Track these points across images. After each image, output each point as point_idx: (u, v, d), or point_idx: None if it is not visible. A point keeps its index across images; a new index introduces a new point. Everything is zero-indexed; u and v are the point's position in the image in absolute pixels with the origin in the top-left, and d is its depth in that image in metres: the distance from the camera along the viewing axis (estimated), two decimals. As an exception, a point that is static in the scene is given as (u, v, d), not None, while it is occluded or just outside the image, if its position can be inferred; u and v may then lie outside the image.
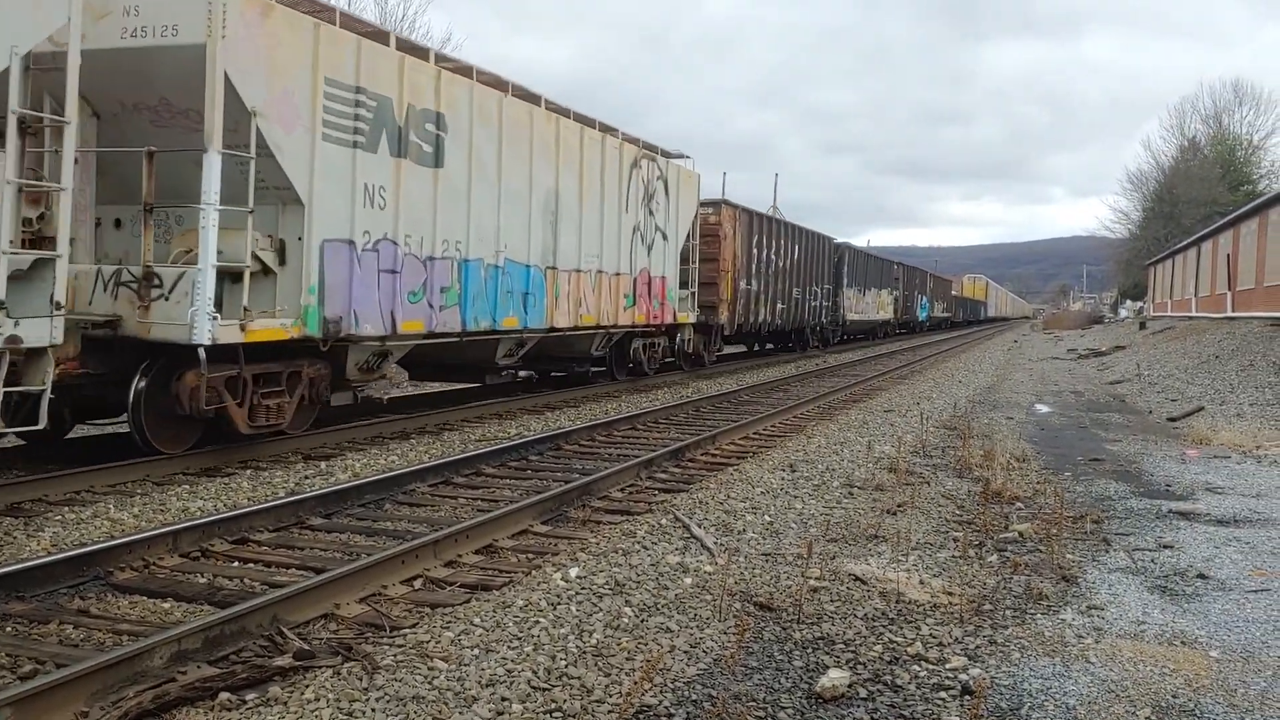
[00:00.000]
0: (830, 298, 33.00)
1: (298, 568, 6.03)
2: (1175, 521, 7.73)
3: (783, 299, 27.29)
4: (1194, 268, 42.72)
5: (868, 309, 39.89)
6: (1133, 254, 71.05)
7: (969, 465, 9.84)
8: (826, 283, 32.49)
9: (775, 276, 26.42)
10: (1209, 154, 66.02)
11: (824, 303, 32.10)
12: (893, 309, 45.52)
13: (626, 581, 5.66)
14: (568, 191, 14.60)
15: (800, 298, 29.13)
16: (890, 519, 7.48)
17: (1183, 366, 22.46)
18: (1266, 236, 29.18)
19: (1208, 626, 5.20)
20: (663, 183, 18.23)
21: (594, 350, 16.50)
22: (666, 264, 18.56)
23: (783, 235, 27.44)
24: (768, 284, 25.77)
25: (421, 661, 4.37)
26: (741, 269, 23.56)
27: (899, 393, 18.44)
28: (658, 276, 18.15)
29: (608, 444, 11.27)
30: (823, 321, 32.36)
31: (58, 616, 5.01)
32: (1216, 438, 12.32)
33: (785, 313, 27.60)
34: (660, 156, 18.26)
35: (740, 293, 23.62)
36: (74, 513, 7.21)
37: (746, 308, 24.17)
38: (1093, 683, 4.37)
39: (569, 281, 14.84)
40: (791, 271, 28.08)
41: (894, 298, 45.58)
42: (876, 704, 4.13)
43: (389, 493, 8.09)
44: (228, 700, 3.95)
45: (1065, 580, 5.98)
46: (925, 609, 5.38)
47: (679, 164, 19.25)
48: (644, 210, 17.39)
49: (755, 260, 24.70)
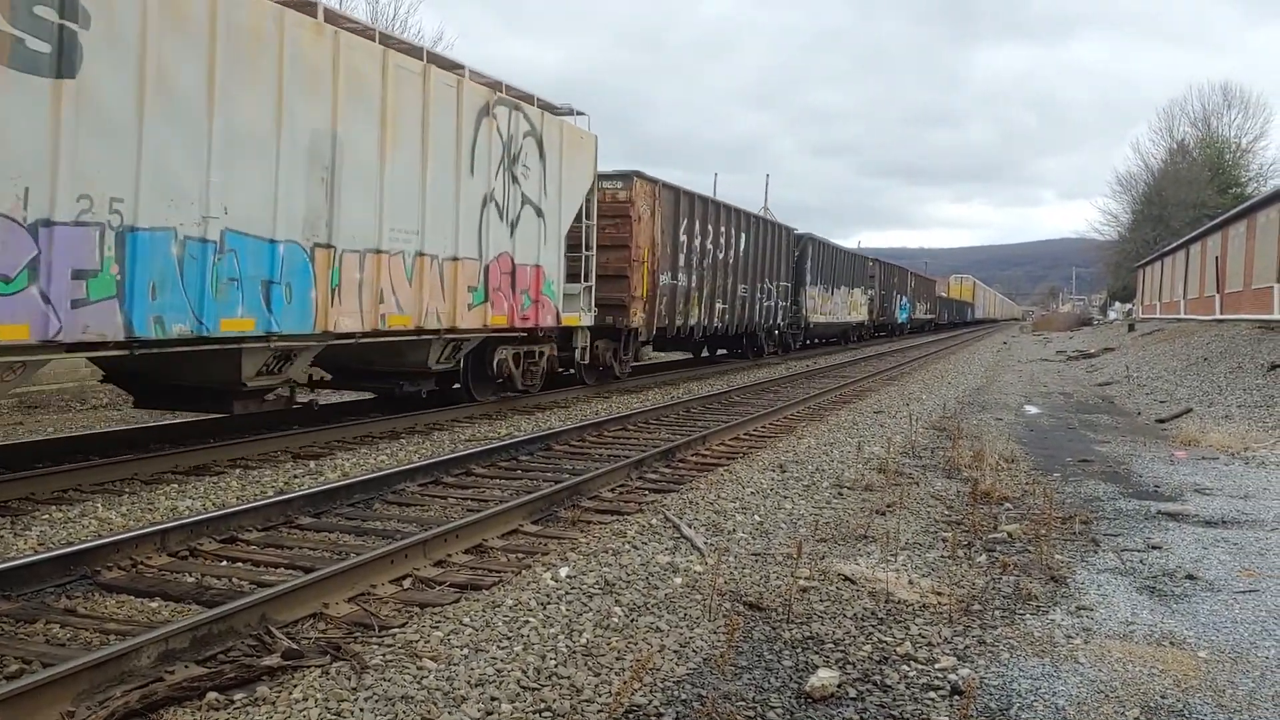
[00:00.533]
0: (789, 297, 29.26)
1: (286, 567, 6.01)
2: (1164, 522, 7.75)
3: (723, 297, 23.19)
4: (1183, 270, 42.91)
5: (837, 310, 36.24)
6: (1122, 256, 71.36)
7: (958, 466, 9.86)
8: (784, 279, 28.44)
9: (713, 270, 22.40)
10: (1198, 157, 66.34)
11: (781, 302, 28.14)
12: (867, 310, 42.19)
13: (616, 581, 5.65)
14: (358, 139, 10.34)
15: (749, 296, 25.12)
16: (880, 519, 7.49)
17: (1171, 368, 22.55)
18: (1255, 239, 29.33)
19: (1196, 627, 5.21)
20: (535, 142, 13.92)
21: (434, 363, 12.29)
22: (543, 248, 14.20)
23: (725, 222, 23.24)
24: (703, 279, 21.73)
25: (410, 661, 4.36)
26: (664, 259, 19.40)
27: (888, 394, 18.47)
28: (527, 265, 13.82)
29: (598, 444, 11.26)
30: (779, 324, 28.47)
31: (44, 616, 4.98)
32: (1205, 439, 12.37)
33: (727, 314, 23.60)
34: (533, 107, 13.94)
35: (662, 289, 19.36)
36: (61, 511, 7.18)
37: (671, 307, 20.05)
38: (1082, 683, 4.38)
39: (361, 266, 10.47)
40: (737, 265, 24.06)
41: (869, 298, 42.41)
42: (866, 704, 4.13)
43: (378, 492, 8.07)
44: (215, 700, 3.93)
45: (1054, 581, 5.99)
46: (914, 609, 5.39)
47: (565, 121, 14.91)
48: (504, 176, 13.14)
49: (685, 250, 20.61)
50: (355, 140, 10.32)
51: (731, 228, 23.51)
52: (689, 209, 20.83)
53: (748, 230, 24.85)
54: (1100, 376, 24.51)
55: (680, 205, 20.20)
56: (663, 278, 19.34)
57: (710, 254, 22.11)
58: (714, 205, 22.59)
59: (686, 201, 20.69)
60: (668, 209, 19.45)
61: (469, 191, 12.42)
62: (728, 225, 23.26)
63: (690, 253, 20.88)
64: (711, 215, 22.27)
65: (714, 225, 22.32)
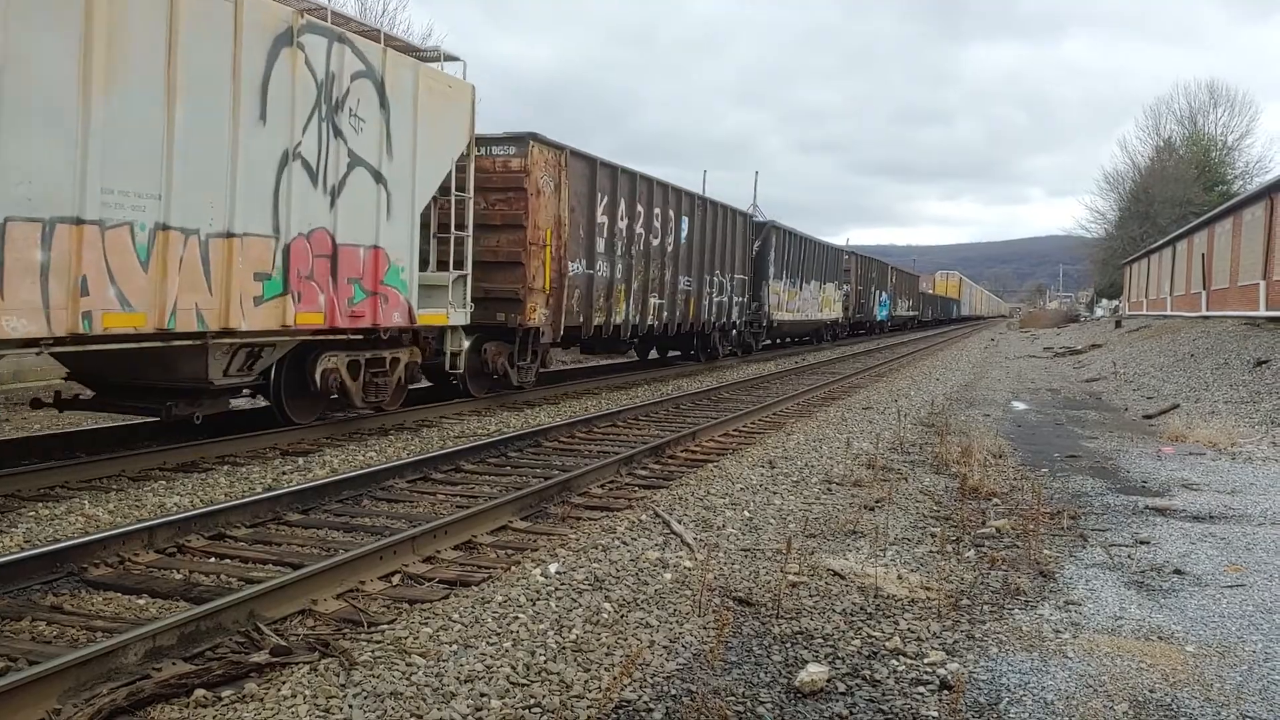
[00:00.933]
0: (747, 292, 25.76)
1: (275, 564, 5.99)
2: (1151, 517, 7.78)
3: (659, 291, 19.58)
4: (1169, 267, 43.09)
5: (806, 306, 32.79)
6: (1109, 253, 71.58)
7: (947, 461, 9.88)
8: (741, 272, 24.91)
9: (646, 259, 18.88)
10: (1184, 154, 66.57)
11: (737, 298, 24.68)
12: (842, 307, 39.03)
13: (606, 577, 5.64)
14: (38, 56, 7.24)
15: (694, 290, 21.59)
16: (868, 515, 7.50)
17: (1158, 364, 22.65)
18: (1241, 236, 29.46)
19: (1184, 621, 5.24)
20: (374, 87, 10.72)
21: (220, 376, 9.37)
22: (385, 225, 11.00)
23: (662, 203, 19.51)
24: (631, 269, 18.12)
25: (399, 657, 4.34)
26: (575, 244, 15.85)
27: (877, 390, 18.50)
28: (359, 246, 10.64)
29: (588, 441, 11.25)
30: (735, 322, 24.90)
31: (30, 613, 4.95)
32: (1192, 435, 12.42)
33: (666, 311, 19.99)
34: (371, 42, 10.77)
35: (573, 280, 15.81)
36: (48, 508, 7.13)
37: (587, 302, 16.49)
38: (1070, 677, 4.39)
39: (46, 242, 7.33)
40: (678, 254, 20.50)
41: (844, 293, 39.25)
42: (855, 698, 4.14)
43: (367, 489, 8.04)
44: (203, 697, 3.91)
45: (1043, 576, 6.01)
46: (903, 604, 5.39)
47: (425, 67, 11.74)
48: (320, 128, 9.98)
49: (607, 233, 17.10)
50: (29, 56, 7.16)
51: (670, 210, 19.98)
52: (611, 185, 17.21)
53: (692, 214, 21.31)
54: (1087, 373, 24.61)
55: (598, 180, 16.61)
56: (574, 266, 15.82)
57: (642, 240, 18.64)
58: (646, 182, 18.80)
59: (607, 175, 17.12)
60: (580, 183, 15.95)
61: (257, 145, 9.22)
62: (665, 206, 19.66)
63: (614, 237, 17.33)
64: (643, 194, 18.56)
65: (646, 206, 18.74)
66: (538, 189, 14.48)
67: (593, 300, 16.71)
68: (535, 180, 14.40)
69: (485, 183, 13.87)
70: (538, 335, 14.87)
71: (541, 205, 14.61)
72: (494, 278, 14.01)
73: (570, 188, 15.49)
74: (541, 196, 14.61)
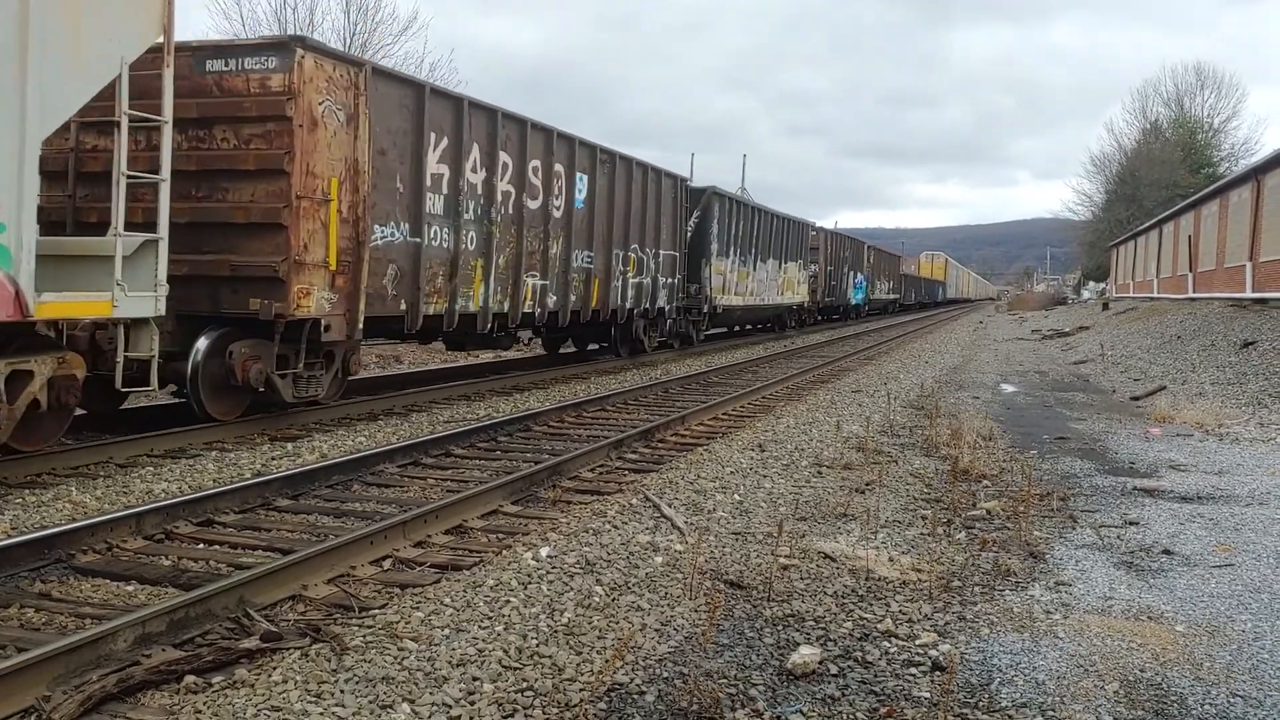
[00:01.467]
0: (682, 271, 21.35)
1: (264, 549, 5.96)
2: (1140, 498, 7.82)
3: (541, 269, 14.95)
4: (1156, 249, 43.23)
5: (762, 289, 28.52)
6: (1096, 236, 71.80)
7: (936, 444, 9.91)
8: (672, 247, 20.59)
9: (518, 226, 14.13)
10: (1171, 137, 66.76)
11: (667, 278, 20.38)
12: (808, 289, 34.90)
13: (597, 560, 5.64)
14: None
15: (600, 269, 17.02)
16: (859, 497, 7.51)
17: (1145, 346, 22.73)
18: (1227, 218, 29.56)
19: (1174, 601, 5.26)
20: None
21: None
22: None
23: (542, 152, 14.80)
24: (492, 239, 13.41)
25: (391, 642, 4.33)
26: (385, 201, 11.29)
27: (866, 373, 18.53)
28: None
29: (577, 425, 11.24)
30: (665, 308, 20.51)
31: (18, 600, 4.92)
32: (1179, 416, 12.48)
33: (551, 294, 15.29)
34: None
35: (380, 252, 11.23)
36: (35, 495, 7.09)
37: (411, 283, 11.84)
38: (1061, 658, 4.41)
39: None
40: (574, 222, 15.89)
41: (811, 274, 35.16)
42: (847, 680, 4.14)
43: (357, 474, 8.01)
44: (193, 683, 3.89)
45: (1033, 557, 6.03)
46: (895, 586, 5.41)
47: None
48: None
49: (448, 188, 12.43)
50: None
51: (559, 164, 15.26)
52: (454, 123, 12.44)
53: (594, 171, 16.57)
54: (1075, 355, 24.70)
55: (430, 114, 11.85)
56: (383, 232, 11.23)
57: (512, 201, 13.96)
58: (516, 125, 14.02)
59: (448, 110, 12.40)
60: (397, 117, 11.39)
61: None
62: (549, 158, 14.93)
63: (461, 195, 12.59)
64: (510, 140, 13.87)
65: (517, 156, 14.03)
66: (313, 119, 9.91)
67: (421, 280, 11.88)
68: (307, 106, 9.83)
69: (234, 110, 9.85)
70: (320, 330, 10.30)
71: (319, 143, 10.03)
72: (244, 247, 9.83)
73: (375, 122, 10.84)
74: (320, 130, 10.03)
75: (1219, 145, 66.90)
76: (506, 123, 13.81)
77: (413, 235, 11.81)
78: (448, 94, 12.84)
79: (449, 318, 12.79)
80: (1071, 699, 3.98)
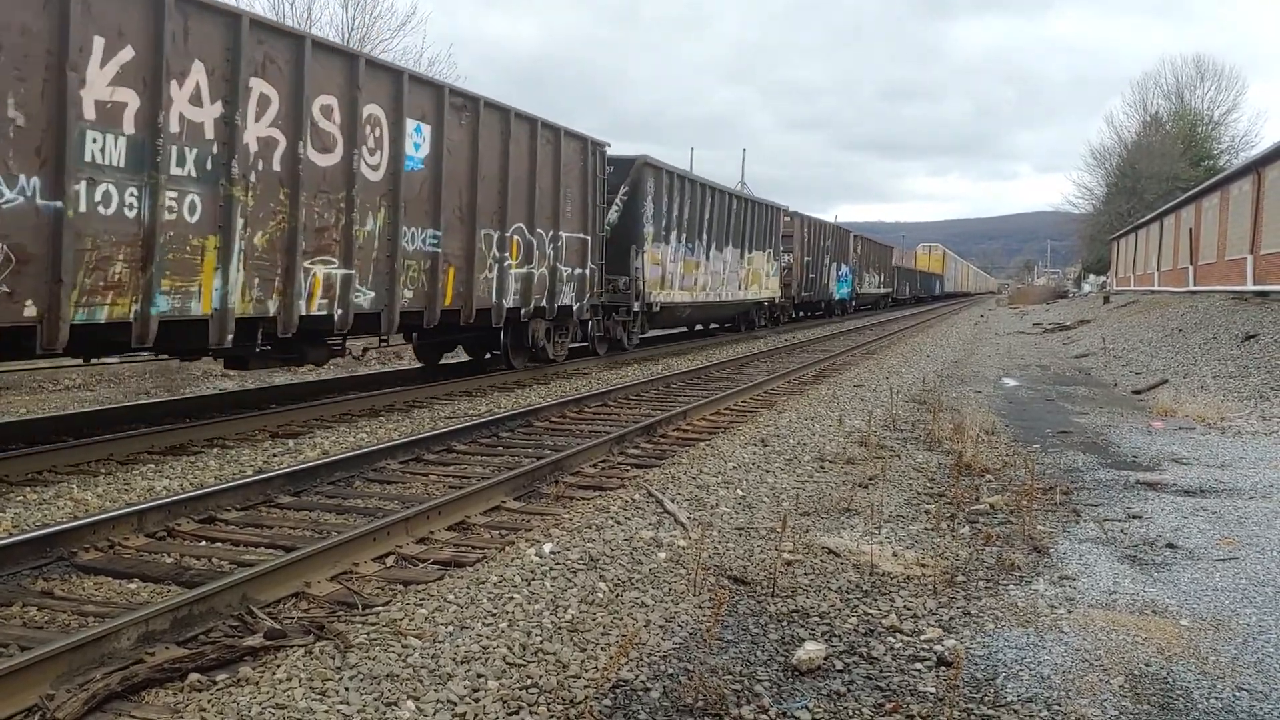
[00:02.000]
0: (597, 260, 17.16)
1: (267, 546, 5.95)
2: (1143, 492, 7.80)
3: (343, 255, 10.67)
4: (1156, 242, 43.18)
5: (718, 283, 24.47)
6: (1096, 229, 71.70)
7: (939, 438, 9.89)
8: (581, 229, 16.45)
9: (287, 190, 9.85)
10: (1171, 129, 66.63)
11: (575, 269, 16.28)
12: (780, 282, 30.71)
13: (601, 556, 5.63)
14: None
15: (452, 254, 12.67)
16: (862, 492, 7.50)
17: (1146, 340, 22.71)
18: (1228, 211, 29.52)
19: (1178, 595, 5.25)
20: None
21: None
22: None
23: (343, 86, 10.53)
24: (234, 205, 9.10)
25: (395, 639, 4.32)
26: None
27: (868, 368, 18.52)
28: None
29: (579, 420, 11.22)
30: (575, 306, 16.42)
31: (21, 599, 4.91)
32: (1181, 409, 12.46)
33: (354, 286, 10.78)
34: None
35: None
36: (36, 493, 7.08)
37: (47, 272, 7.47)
38: (1066, 652, 4.40)
39: None
40: (397, 187, 11.42)
41: (783, 265, 31.26)
42: (853, 675, 4.14)
43: (359, 470, 8.00)
44: (198, 681, 3.89)
45: (1037, 551, 6.02)
46: (899, 581, 5.39)
47: None
48: None
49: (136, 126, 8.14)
50: None
51: (377, 105, 11.12)
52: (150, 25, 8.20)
53: (440, 119, 12.24)
54: (1076, 349, 24.67)
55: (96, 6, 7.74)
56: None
57: (281, 153, 9.77)
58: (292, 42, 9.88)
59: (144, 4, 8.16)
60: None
61: None
62: (353, 92, 10.65)
63: (166, 137, 8.40)
64: (278, 66, 9.66)
65: (290, 88, 9.80)
66: None
67: (66, 268, 7.61)
68: None
69: None
70: None
71: None
72: None
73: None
74: None
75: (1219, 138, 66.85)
76: (266, 37, 9.43)
77: (48, 197, 7.51)
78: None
79: (141, 325, 8.36)
80: (1077, 693, 3.97)
